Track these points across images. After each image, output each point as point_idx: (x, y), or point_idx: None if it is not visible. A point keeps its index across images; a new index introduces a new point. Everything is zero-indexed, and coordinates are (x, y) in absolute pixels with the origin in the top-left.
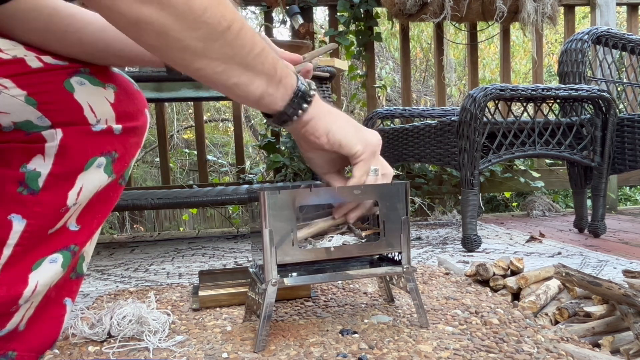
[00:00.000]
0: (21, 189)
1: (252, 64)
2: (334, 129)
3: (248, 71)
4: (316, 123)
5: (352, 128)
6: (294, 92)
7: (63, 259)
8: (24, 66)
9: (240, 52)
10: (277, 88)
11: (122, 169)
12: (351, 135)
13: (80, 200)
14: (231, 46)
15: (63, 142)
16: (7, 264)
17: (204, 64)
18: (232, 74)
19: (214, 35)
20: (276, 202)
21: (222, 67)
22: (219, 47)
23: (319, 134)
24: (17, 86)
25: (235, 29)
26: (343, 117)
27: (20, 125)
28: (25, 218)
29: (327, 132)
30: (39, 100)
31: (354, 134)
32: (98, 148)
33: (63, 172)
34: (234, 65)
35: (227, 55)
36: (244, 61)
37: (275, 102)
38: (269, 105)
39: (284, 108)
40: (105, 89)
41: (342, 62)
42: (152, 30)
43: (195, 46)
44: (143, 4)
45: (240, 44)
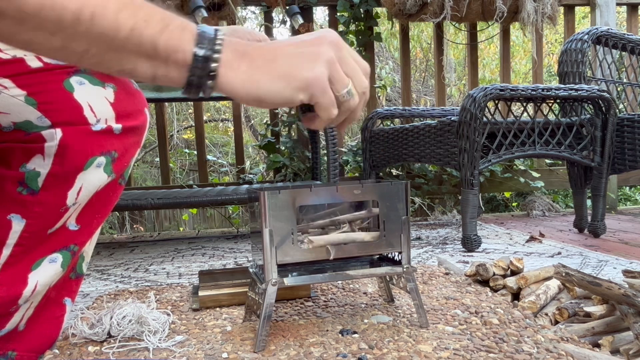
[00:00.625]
0: (21, 189)
1: (125, 48)
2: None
3: (125, 56)
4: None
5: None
6: (190, 67)
7: (63, 259)
8: (23, 66)
9: (104, 40)
10: (166, 67)
11: (121, 169)
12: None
13: (80, 200)
14: (89, 37)
15: (63, 142)
16: (6, 264)
17: (78, 58)
18: (111, 63)
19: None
20: (276, 202)
21: (97, 58)
22: (79, 41)
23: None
24: (17, 86)
25: (85, 18)
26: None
27: (20, 125)
28: (25, 218)
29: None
30: (39, 100)
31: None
32: (98, 148)
33: (63, 171)
34: (108, 54)
35: (93, 45)
36: (113, 47)
37: (173, 80)
38: (170, 84)
39: (185, 86)
40: (105, 88)
41: None
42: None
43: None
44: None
45: (98, 32)
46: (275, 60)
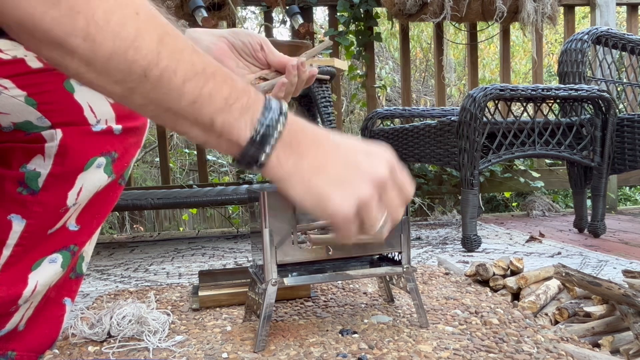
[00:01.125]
0: (21, 189)
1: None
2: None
3: (182, 121)
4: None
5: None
6: (241, 150)
7: (62, 259)
8: (24, 66)
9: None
10: (218, 140)
11: (122, 169)
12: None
13: (80, 200)
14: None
15: (63, 142)
16: (6, 264)
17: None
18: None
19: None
20: (276, 202)
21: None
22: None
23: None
24: (17, 87)
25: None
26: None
27: (20, 126)
28: (25, 218)
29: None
30: (39, 101)
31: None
32: (98, 148)
33: (63, 172)
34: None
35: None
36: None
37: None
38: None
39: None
40: None
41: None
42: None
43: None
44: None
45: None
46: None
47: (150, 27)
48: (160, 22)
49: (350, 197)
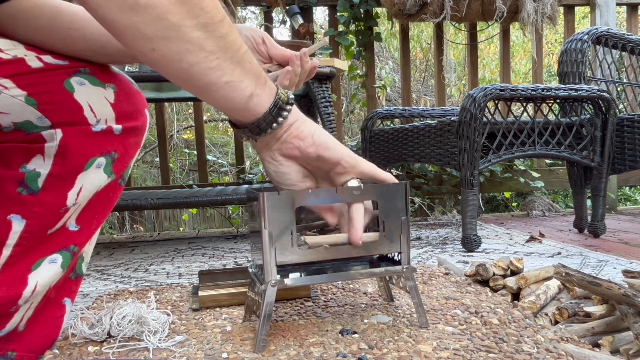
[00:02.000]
0: (21, 189)
1: (242, 62)
2: (318, 131)
3: (239, 68)
4: (301, 124)
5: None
6: (276, 94)
7: (62, 259)
8: (24, 66)
9: (232, 46)
10: (263, 88)
11: (121, 169)
12: (337, 143)
13: (80, 200)
14: (224, 39)
15: (63, 142)
16: (6, 265)
17: (200, 57)
18: (225, 70)
19: (211, 25)
20: (275, 202)
21: (216, 62)
22: (215, 39)
23: (304, 135)
24: (17, 86)
25: (227, 23)
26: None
27: (20, 126)
28: (25, 218)
29: (312, 134)
30: (39, 101)
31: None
32: (98, 148)
33: (63, 172)
34: (227, 61)
35: (221, 48)
36: (235, 57)
37: (262, 103)
38: (257, 107)
39: (269, 110)
40: (105, 89)
41: (342, 62)
42: (150, 13)
43: (192, 35)
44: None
45: (231, 39)
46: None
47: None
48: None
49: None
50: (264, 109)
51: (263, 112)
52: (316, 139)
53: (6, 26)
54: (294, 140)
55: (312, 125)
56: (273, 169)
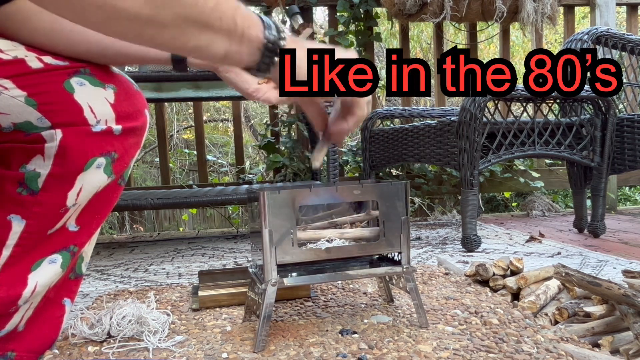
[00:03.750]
0: (21, 190)
1: (208, 21)
2: None
3: (206, 30)
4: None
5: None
6: (262, 45)
7: (62, 260)
8: (24, 67)
9: (193, 10)
10: (240, 43)
11: (121, 170)
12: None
13: (80, 200)
14: (180, 6)
15: (63, 143)
16: (6, 265)
17: (155, 31)
18: (189, 37)
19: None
20: (276, 202)
21: (176, 31)
22: (169, 9)
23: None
24: (18, 87)
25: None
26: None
27: (20, 126)
28: (25, 218)
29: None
30: (39, 101)
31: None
32: (98, 148)
33: (62, 172)
34: (189, 27)
35: (179, 16)
36: (198, 19)
37: (242, 58)
38: (237, 64)
39: (253, 64)
40: (105, 89)
41: None
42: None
43: (142, 13)
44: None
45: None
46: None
47: None
48: None
49: None
50: (247, 63)
51: (248, 66)
52: None
53: (7, 28)
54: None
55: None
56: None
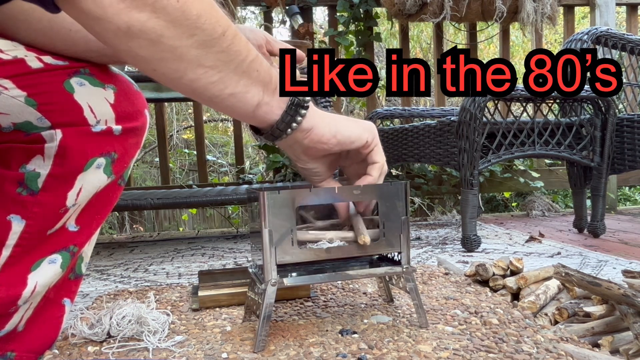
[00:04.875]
0: (20, 190)
1: (248, 72)
2: (340, 129)
3: (244, 79)
4: (320, 128)
5: (351, 122)
6: (290, 100)
7: (62, 260)
8: (24, 67)
9: (236, 58)
10: (272, 96)
11: (121, 170)
12: (356, 128)
13: (80, 200)
14: (227, 53)
15: (63, 143)
16: (6, 265)
17: (199, 74)
18: (228, 83)
19: (210, 42)
20: (276, 202)
21: (218, 75)
22: (215, 54)
23: (326, 139)
24: (17, 87)
25: (230, 35)
26: (337, 116)
27: (20, 126)
28: (25, 219)
29: (334, 134)
30: (39, 101)
31: (357, 127)
32: (98, 149)
33: (62, 172)
34: (230, 74)
35: (223, 62)
36: (239, 68)
37: (272, 110)
38: (266, 115)
39: (281, 117)
40: (105, 89)
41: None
42: (144, 38)
43: (190, 54)
44: (135, 10)
45: (235, 50)
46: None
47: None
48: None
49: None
50: (276, 116)
51: (275, 120)
52: (340, 138)
53: (7, 27)
54: (317, 145)
55: (331, 124)
56: (301, 166)
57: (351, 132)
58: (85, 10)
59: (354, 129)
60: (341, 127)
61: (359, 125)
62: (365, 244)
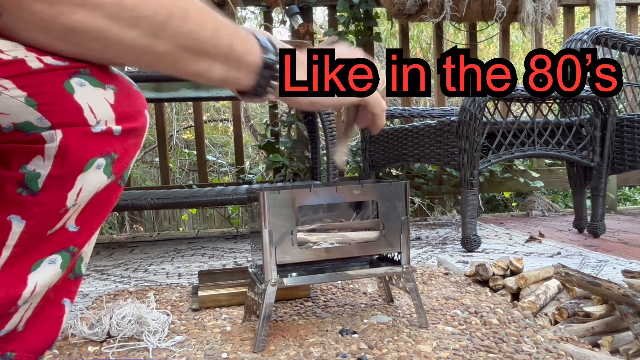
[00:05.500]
0: (20, 190)
1: (205, 49)
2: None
3: (202, 57)
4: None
5: None
6: (259, 69)
7: (62, 260)
8: (24, 67)
9: (189, 38)
10: (238, 69)
11: (121, 170)
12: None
13: (80, 201)
14: (177, 35)
15: (63, 143)
16: (6, 265)
17: (154, 59)
18: (187, 64)
19: (155, 29)
20: (276, 202)
21: (174, 58)
22: (164, 40)
23: (303, 106)
24: (17, 87)
25: (178, 16)
26: None
27: (20, 126)
28: (25, 219)
29: (311, 103)
30: (39, 101)
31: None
32: (98, 149)
33: (62, 173)
34: (186, 54)
35: (176, 45)
36: (195, 48)
37: (240, 82)
38: (236, 87)
39: (252, 88)
40: (105, 89)
41: None
42: (88, 36)
43: (138, 43)
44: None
45: (186, 30)
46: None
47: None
48: None
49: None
50: (246, 87)
51: (246, 89)
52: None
53: (9, 27)
54: (293, 105)
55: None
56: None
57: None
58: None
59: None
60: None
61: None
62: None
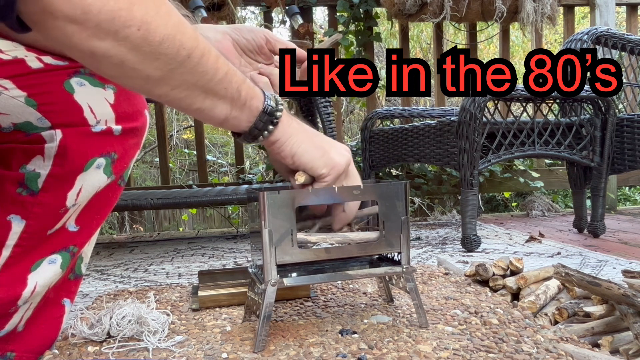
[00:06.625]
0: (20, 190)
1: (215, 89)
2: (299, 152)
3: (211, 96)
4: (282, 145)
5: (319, 151)
6: (259, 113)
7: (62, 260)
8: (24, 67)
9: (202, 78)
10: (241, 110)
11: (121, 170)
12: (317, 158)
13: (80, 201)
14: (192, 74)
15: (63, 143)
16: (6, 265)
17: (165, 91)
18: (194, 100)
19: (173, 65)
20: (275, 202)
21: (184, 93)
22: (180, 75)
23: (284, 155)
24: (17, 87)
25: (196, 57)
26: (311, 137)
27: (20, 126)
28: (25, 219)
29: (292, 154)
30: (39, 102)
31: (320, 158)
32: (98, 149)
33: (62, 172)
34: (196, 92)
35: (189, 82)
36: (206, 87)
37: (240, 124)
38: (234, 127)
39: (249, 129)
40: (105, 89)
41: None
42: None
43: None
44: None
45: (201, 70)
46: (316, 135)
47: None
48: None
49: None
50: (243, 128)
51: (243, 131)
52: (295, 160)
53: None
54: (277, 156)
55: (293, 146)
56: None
57: (309, 159)
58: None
59: (315, 158)
60: (303, 150)
61: (324, 156)
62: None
